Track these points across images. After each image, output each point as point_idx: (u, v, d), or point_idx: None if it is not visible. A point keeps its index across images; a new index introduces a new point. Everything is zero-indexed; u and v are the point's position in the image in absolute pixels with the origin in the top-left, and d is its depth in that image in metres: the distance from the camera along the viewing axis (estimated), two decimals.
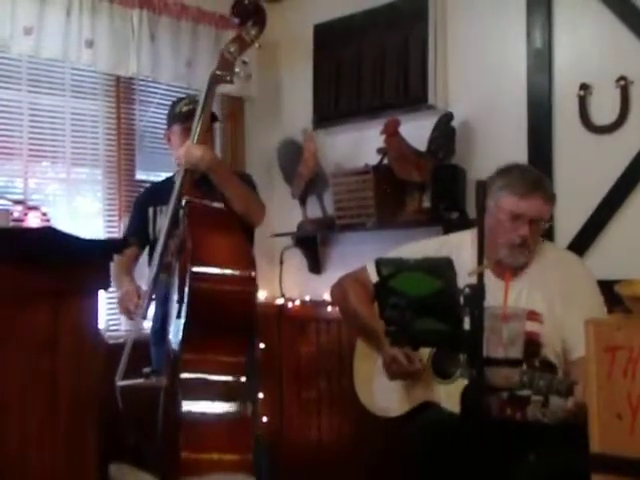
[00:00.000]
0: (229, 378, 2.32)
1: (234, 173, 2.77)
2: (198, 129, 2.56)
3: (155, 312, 2.76)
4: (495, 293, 1.93)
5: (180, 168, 2.59)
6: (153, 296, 2.61)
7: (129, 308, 2.59)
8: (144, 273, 2.81)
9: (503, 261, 2.21)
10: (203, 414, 2.28)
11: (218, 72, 2.58)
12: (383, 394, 2.40)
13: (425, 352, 2.30)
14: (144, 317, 2.59)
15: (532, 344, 2.08)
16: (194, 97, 2.81)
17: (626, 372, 1.38)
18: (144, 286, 2.63)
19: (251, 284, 2.35)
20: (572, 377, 1.98)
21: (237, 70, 2.60)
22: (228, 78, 2.59)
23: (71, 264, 1.64)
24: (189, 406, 2.28)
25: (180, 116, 2.71)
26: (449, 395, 2.19)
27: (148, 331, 2.85)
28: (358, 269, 2.54)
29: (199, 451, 2.23)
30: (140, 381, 2.49)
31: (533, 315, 2.14)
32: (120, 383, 2.52)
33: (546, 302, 2.17)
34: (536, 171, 2.41)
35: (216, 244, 2.39)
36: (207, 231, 2.41)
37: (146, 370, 2.74)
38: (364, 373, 2.51)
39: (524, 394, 2.08)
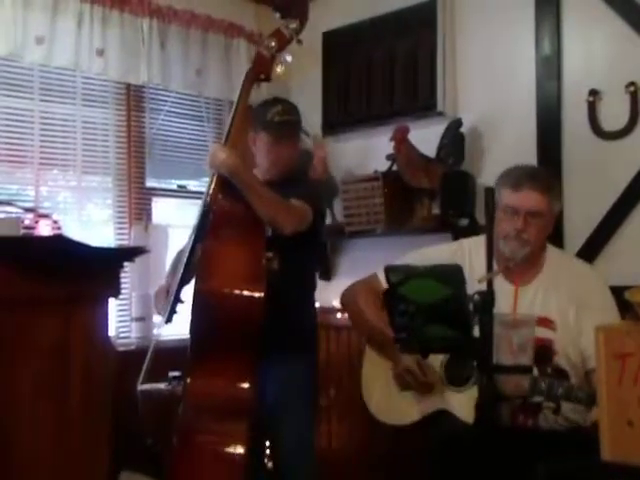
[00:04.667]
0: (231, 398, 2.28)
1: (297, 177, 2.62)
2: (231, 130, 2.41)
3: None
4: (506, 298, 1.93)
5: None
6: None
7: (155, 304, 2.58)
8: None
9: (503, 254, 2.19)
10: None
11: (254, 70, 2.45)
12: (393, 402, 2.38)
13: (437, 359, 2.29)
14: (168, 321, 2.47)
15: (544, 350, 2.07)
16: (291, 105, 2.60)
17: (637, 379, 1.38)
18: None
19: (252, 303, 2.25)
20: (592, 385, 1.96)
21: (276, 67, 2.46)
22: (263, 76, 2.44)
23: (81, 272, 1.64)
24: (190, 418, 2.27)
25: (272, 126, 2.51)
26: (462, 403, 2.17)
27: (169, 336, 2.81)
28: (369, 276, 2.52)
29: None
30: (161, 386, 2.48)
31: (546, 322, 2.13)
32: (141, 387, 2.50)
33: (560, 309, 2.16)
34: (537, 167, 2.38)
35: (226, 258, 2.32)
36: (221, 242, 2.34)
37: (171, 375, 2.72)
38: (373, 381, 2.49)
39: (536, 401, 2.07)
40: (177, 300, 2.42)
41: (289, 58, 2.51)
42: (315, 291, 2.69)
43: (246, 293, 2.28)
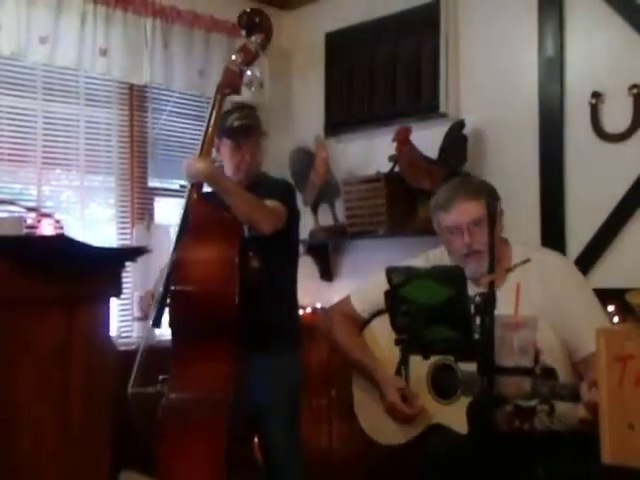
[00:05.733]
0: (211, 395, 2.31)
1: (264, 178, 2.73)
2: (204, 141, 2.52)
3: None
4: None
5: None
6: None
7: (144, 307, 2.63)
8: None
9: (470, 275, 2.13)
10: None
11: (223, 84, 2.53)
12: (385, 423, 2.34)
13: (422, 376, 2.27)
14: (156, 325, 2.54)
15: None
16: (249, 111, 2.72)
17: (638, 382, 1.38)
18: None
19: (225, 298, 2.30)
20: (584, 376, 1.95)
21: (245, 81, 2.56)
22: (228, 91, 2.53)
23: (83, 272, 1.64)
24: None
25: (229, 131, 2.62)
26: (454, 415, 2.15)
27: (160, 338, 2.84)
28: (341, 300, 2.54)
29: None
30: (151, 389, 2.49)
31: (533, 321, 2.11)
32: (132, 390, 2.53)
33: (536, 306, 2.12)
34: (459, 178, 2.38)
35: (203, 261, 2.39)
36: (198, 241, 2.42)
37: (161, 377, 2.74)
38: (363, 404, 2.46)
39: (529, 405, 2.06)
40: (164, 304, 2.47)
41: (258, 73, 2.63)
42: (296, 288, 2.75)
43: (219, 288, 2.33)
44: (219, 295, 2.33)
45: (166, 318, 2.59)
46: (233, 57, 2.57)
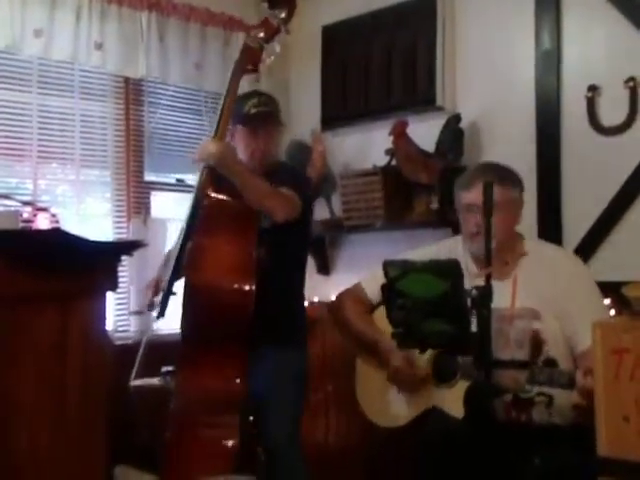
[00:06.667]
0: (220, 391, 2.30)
1: (281, 166, 2.65)
2: (220, 123, 2.40)
3: None
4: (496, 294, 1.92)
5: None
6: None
7: (144, 297, 2.57)
8: None
9: (472, 254, 2.20)
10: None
11: (242, 62, 2.43)
12: (385, 405, 2.38)
13: (424, 357, 2.28)
14: (160, 315, 2.45)
15: (534, 341, 2.07)
16: (267, 98, 2.59)
17: (633, 375, 1.38)
18: None
19: (242, 296, 2.27)
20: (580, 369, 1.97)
21: (264, 58, 2.44)
22: (251, 67, 2.42)
23: (79, 266, 1.65)
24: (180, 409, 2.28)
25: (246, 118, 2.51)
26: (452, 399, 2.17)
27: (162, 331, 2.82)
28: (353, 285, 2.54)
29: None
30: (154, 381, 2.48)
31: (531, 312, 2.13)
32: (134, 383, 2.51)
33: (543, 299, 2.14)
34: (489, 162, 2.39)
35: (217, 251, 2.33)
36: (212, 235, 2.35)
37: (164, 369, 2.72)
38: (366, 384, 2.49)
39: (528, 396, 2.07)
40: (169, 293, 2.42)
41: (278, 48, 2.47)
42: (304, 282, 2.69)
43: (236, 286, 2.29)
44: (236, 294, 2.28)
45: (169, 313, 2.55)
46: (253, 32, 2.44)
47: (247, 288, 2.28)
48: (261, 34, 2.43)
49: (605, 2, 2.92)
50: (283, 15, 2.44)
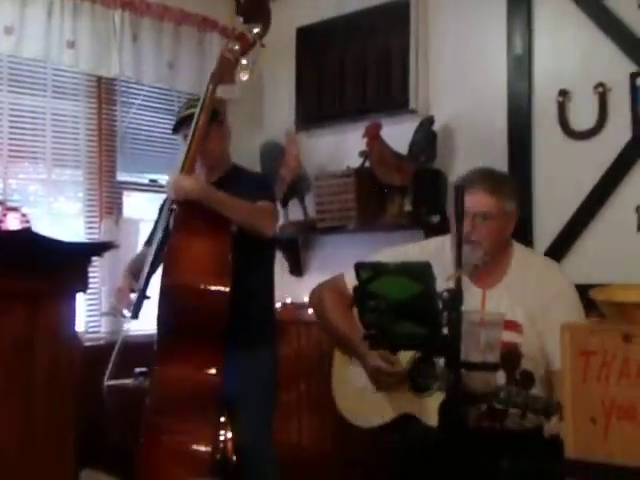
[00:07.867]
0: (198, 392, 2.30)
1: (241, 172, 2.66)
2: (189, 151, 2.42)
3: None
4: (474, 301, 1.94)
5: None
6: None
7: (115, 305, 2.56)
8: None
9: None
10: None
11: (218, 73, 2.47)
12: (361, 404, 2.37)
13: (405, 356, 2.29)
14: (135, 317, 2.47)
15: (512, 355, 2.07)
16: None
17: (600, 377, 1.40)
18: None
19: (218, 297, 2.28)
20: (552, 386, 1.99)
21: (241, 74, 2.49)
22: (227, 78, 2.47)
23: (49, 266, 1.63)
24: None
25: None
26: (427, 408, 2.17)
27: (136, 332, 2.81)
28: (335, 276, 2.51)
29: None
30: (127, 382, 2.47)
31: (513, 325, 2.13)
32: (107, 383, 2.50)
33: (526, 312, 2.16)
34: (489, 169, 2.37)
35: (193, 254, 2.34)
36: (188, 236, 2.36)
37: (137, 370, 2.71)
38: (342, 381, 2.49)
39: (502, 407, 2.08)
40: (143, 297, 2.42)
41: (252, 62, 2.56)
42: (273, 282, 2.70)
43: (213, 287, 2.30)
44: (213, 295, 2.28)
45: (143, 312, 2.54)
46: (229, 45, 2.49)
47: (223, 289, 2.28)
48: (236, 47, 2.47)
49: (576, 8, 2.96)
50: (257, 30, 2.49)
